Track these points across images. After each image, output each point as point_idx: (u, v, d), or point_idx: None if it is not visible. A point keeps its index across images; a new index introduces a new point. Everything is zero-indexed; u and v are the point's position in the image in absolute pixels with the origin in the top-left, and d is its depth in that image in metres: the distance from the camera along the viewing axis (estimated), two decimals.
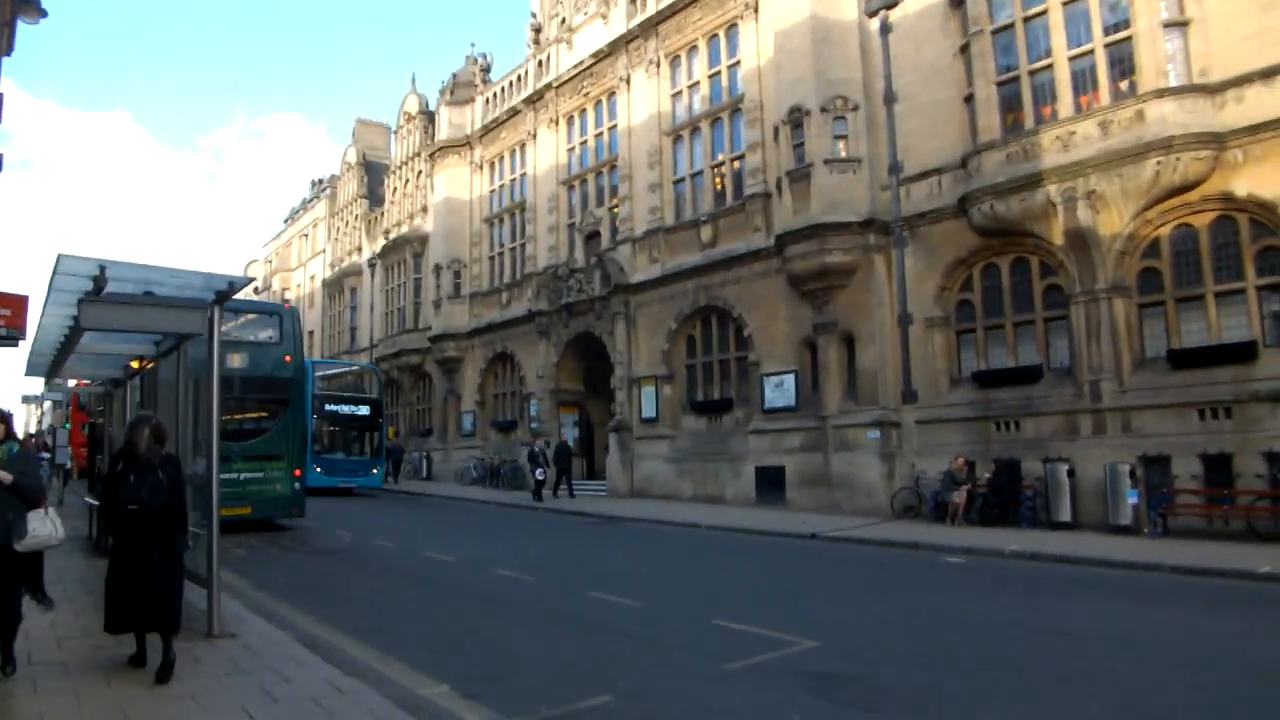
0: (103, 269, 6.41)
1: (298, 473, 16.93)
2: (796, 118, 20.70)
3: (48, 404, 39.13)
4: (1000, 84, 17.98)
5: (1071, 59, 16.90)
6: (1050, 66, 17.17)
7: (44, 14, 15.10)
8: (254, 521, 16.34)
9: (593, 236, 28.75)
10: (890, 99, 20.23)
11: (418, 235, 39.47)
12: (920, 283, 19.45)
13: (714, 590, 10.73)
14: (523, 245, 32.47)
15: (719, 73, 24.53)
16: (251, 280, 7.50)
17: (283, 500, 16.58)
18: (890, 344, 19.75)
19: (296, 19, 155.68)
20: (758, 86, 22.98)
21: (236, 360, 16.51)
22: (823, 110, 20.37)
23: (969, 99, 18.71)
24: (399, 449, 36.90)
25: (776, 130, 21.50)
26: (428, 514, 21.60)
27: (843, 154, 20.32)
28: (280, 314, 17.67)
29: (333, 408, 28.82)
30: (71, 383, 24.94)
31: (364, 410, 29.47)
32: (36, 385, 29.86)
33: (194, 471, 8.05)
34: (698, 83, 25.16)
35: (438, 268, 35.85)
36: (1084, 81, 16.89)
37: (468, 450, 33.60)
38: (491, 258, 34.56)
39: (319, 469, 26.61)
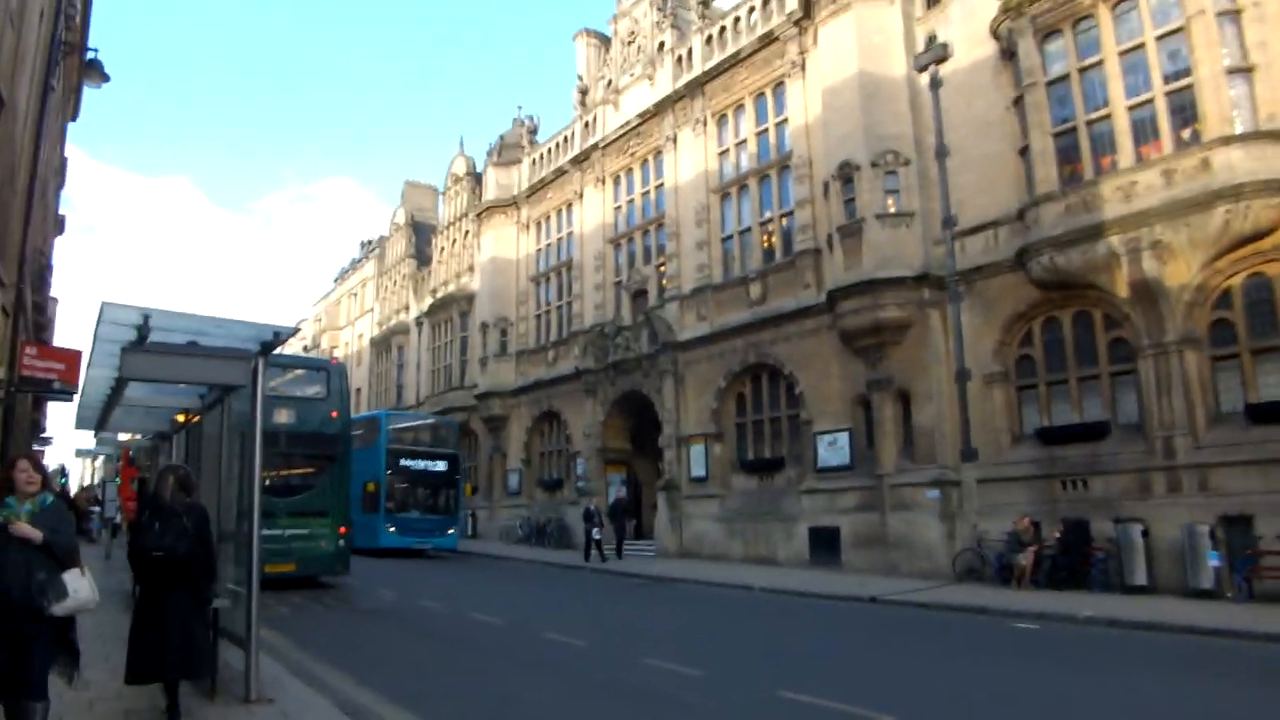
0: (146, 318, 6.26)
1: (343, 530, 16.71)
2: (846, 173, 20.51)
3: (100, 458, 39.39)
4: (1056, 135, 17.64)
5: (1130, 108, 16.54)
6: (1108, 116, 16.81)
7: (106, 78, 15.55)
8: (298, 579, 16.11)
9: (640, 294, 28.66)
10: (942, 153, 19.98)
11: (464, 294, 39.77)
12: (978, 338, 18.94)
13: (774, 657, 10.21)
14: (569, 303, 32.48)
15: (766, 130, 24.51)
16: (298, 329, 7.31)
17: (327, 557, 16.35)
18: (947, 401, 19.17)
19: (349, 85, 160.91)
20: (806, 143, 22.88)
21: (283, 415, 16.45)
22: (873, 165, 20.16)
23: (1024, 151, 18.38)
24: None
25: (826, 186, 21.31)
26: (474, 573, 21.22)
27: (894, 209, 20.02)
28: (328, 369, 17.65)
29: (407, 463, 26.92)
30: (123, 436, 25.22)
31: (440, 465, 27.75)
32: (90, 440, 30.02)
33: (237, 529, 7.82)
34: (745, 140, 25.16)
35: (484, 326, 35.97)
36: (1144, 131, 16.49)
37: (513, 509, 33.29)
38: (538, 316, 34.62)
39: (392, 528, 25.40)
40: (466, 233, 40.99)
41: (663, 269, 27.69)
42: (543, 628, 11.73)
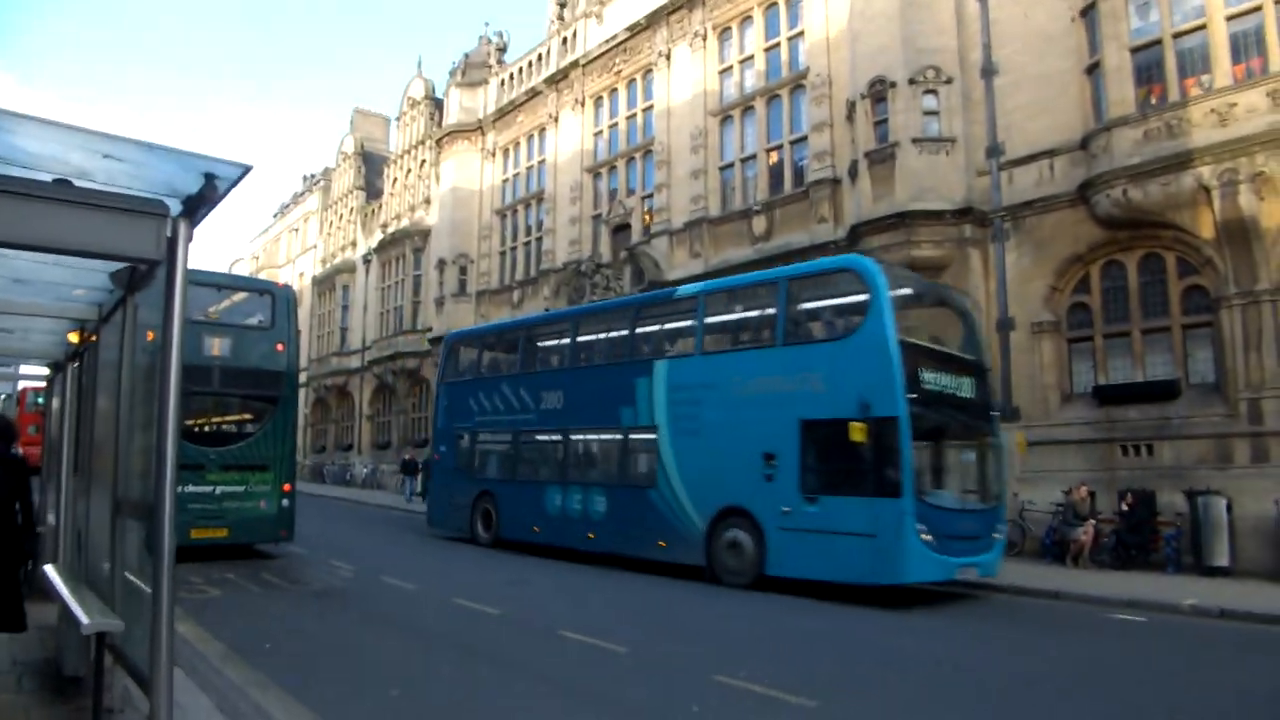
0: None
1: (287, 487, 13.82)
2: (879, 91, 17.95)
3: None
4: (1134, 50, 15.26)
5: (1230, 19, 14.22)
6: (1201, 28, 14.49)
7: None
8: (231, 547, 13.26)
9: (621, 229, 25.85)
10: (989, 71, 17.54)
11: (419, 229, 36.48)
12: (1025, 282, 16.68)
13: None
14: (539, 239, 29.51)
15: (777, 45, 21.74)
16: (248, 169, 4.89)
17: (268, 521, 13.46)
18: (988, 353, 16.89)
19: (291, 5, 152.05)
20: (826, 59, 20.23)
21: (216, 347, 13.47)
22: (911, 82, 17.62)
23: (1092, 69, 16.02)
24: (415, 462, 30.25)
25: (852, 107, 18.73)
26: (437, 542, 18.51)
27: (935, 133, 17.52)
28: (273, 293, 14.61)
29: (931, 380, 11.76)
30: (23, 383, 21.82)
31: (967, 387, 12.68)
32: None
33: (142, 495, 5.17)
34: (751, 57, 22.38)
35: (441, 263, 32.84)
36: (1245, 45, 14.22)
37: None
38: (503, 252, 31.57)
39: (926, 534, 10.74)
40: (423, 162, 37.53)
41: (649, 201, 24.89)
42: (557, 624, 9.16)
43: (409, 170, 38.98)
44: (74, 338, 8.14)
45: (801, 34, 21.14)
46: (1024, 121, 17.03)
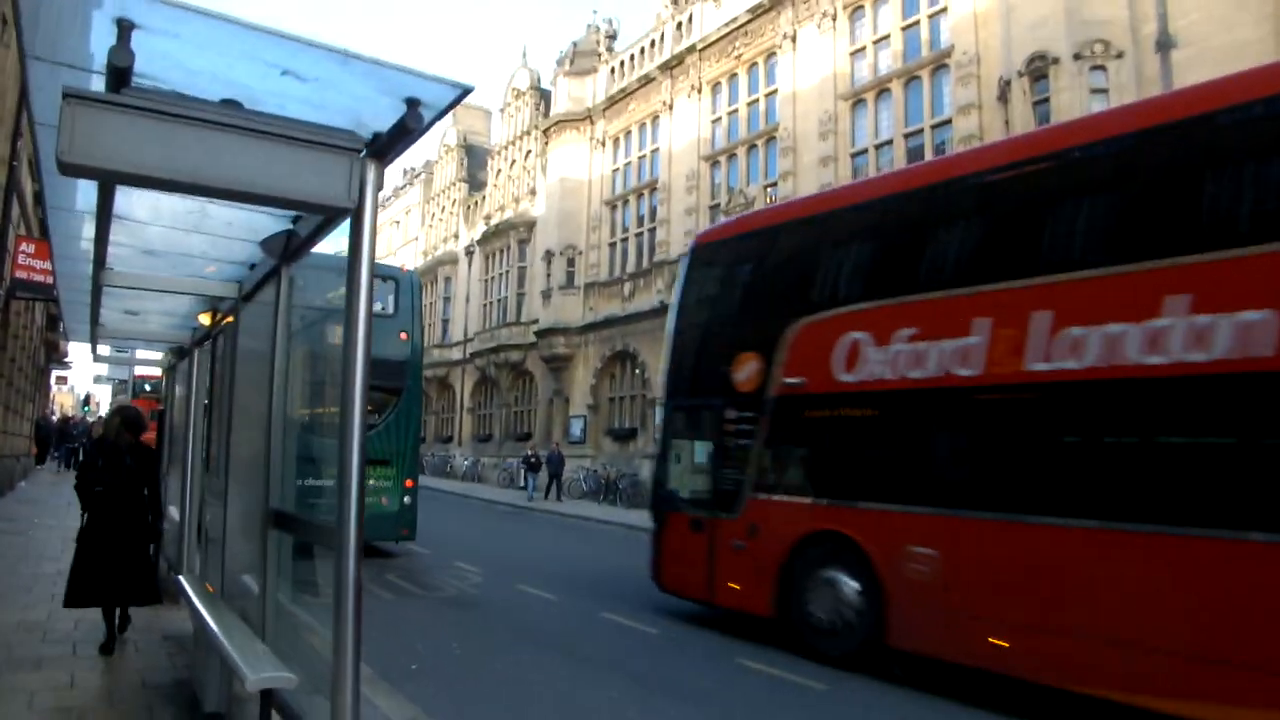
0: (126, 25, 2.58)
1: (409, 483, 13.15)
2: (1039, 68, 16.40)
3: (109, 386, 34.88)
4: None
5: None
6: None
7: None
8: None
9: None
10: (1166, 45, 15.80)
11: (524, 220, 35.96)
12: None
13: None
14: (652, 230, 28.53)
15: (917, 22, 20.28)
16: (465, 91, 3.71)
17: (390, 519, 12.79)
18: None
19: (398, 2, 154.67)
20: (973, 36, 18.72)
21: (337, 335, 12.82)
22: (1076, 57, 16.03)
23: None
24: (558, 457, 27.83)
25: (1006, 86, 17.20)
26: (564, 540, 17.66)
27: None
28: (396, 279, 13.93)
29: None
30: (139, 369, 21.80)
31: None
32: (104, 368, 26.40)
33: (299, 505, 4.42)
34: (887, 36, 20.94)
35: (548, 255, 32.16)
36: None
37: (576, 460, 29.70)
38: (613, 244, 30.69)
39: None
40: (528, 153, 37.00)
41: (773, 190, 23.65)
42: (733, 650, 8.11)
43: (513, 161, 38.50)
44: (205, 319, 7.45)
45: (944, 10, 19.64)
46: None
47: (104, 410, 56.33)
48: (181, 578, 5.96)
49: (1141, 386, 5.91)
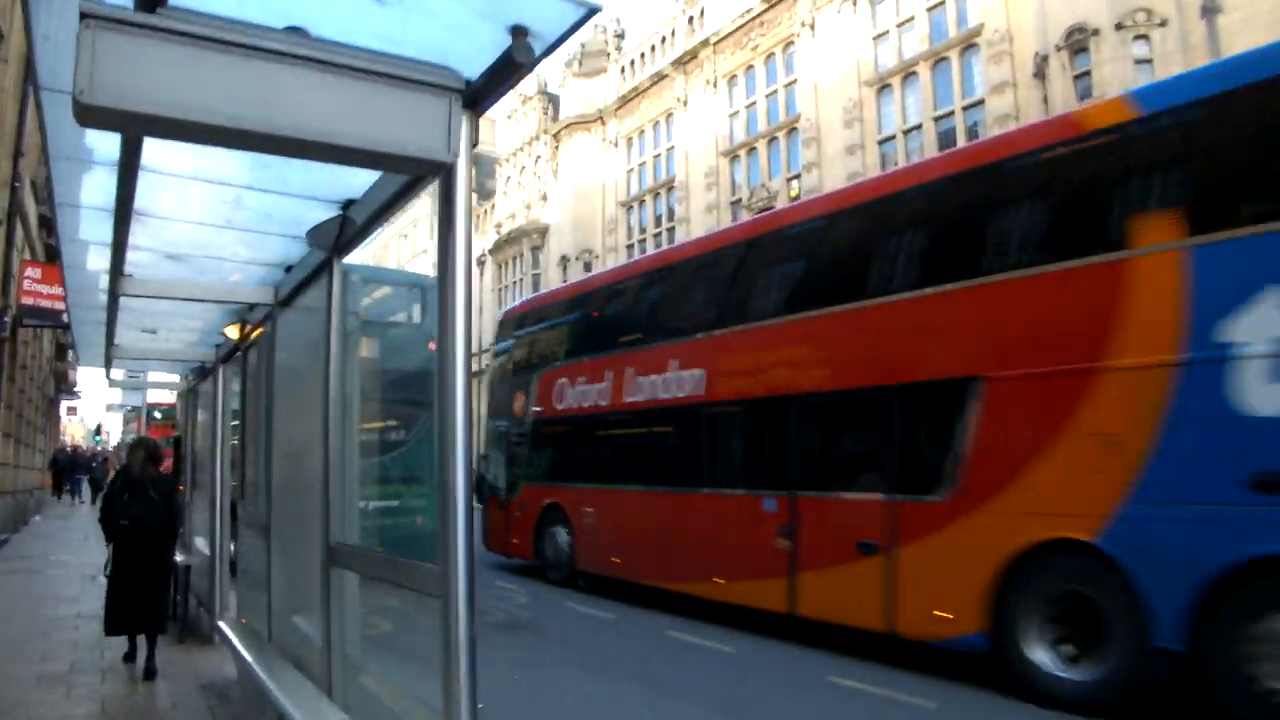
0: None
1: None
2: (1078, 41, 15.76)
3: (120, 414, 34.25)
4: None
5: None
6: None
7: None
8: None
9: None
10: (1211, 9, 15.06)
11: (536, 226, 35.35)
12: None
13: None
14: (671, 230, 27.87)
15: (942, 3, 19.65)
16: (592, 10, 3.14)
17: (424, 539, 12.12)
18: None
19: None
20: (1004, 13, 18.07)
21: (364, 347, 12.18)
22: (1118, 28, 15.38)
23: None
24: None
25: (1044, 61, 16.54)
26: None
27: (1149, 83, 15.18)
28: (423, 286, 13.29)
29: None
30: (152, 395, 21.15)
31: None
32: (117, 394, 25.74)
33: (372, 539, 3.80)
34: (911, 19, 20.28)
35: (564, 260, 31.55)
36: None
37: None
38: (630, 245, 30.05)
39: None
40: (538, 158, 36.42)
41: (797, 182, 22.98)
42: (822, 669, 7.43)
43: (523, 168, 37.94)
44: (234, 331, 6.81)
45: None
46: None
47: (114, 440, 55.79)
48: (223, 623, 5.30)
49: (657, 410, 10.24)
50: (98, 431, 55.62)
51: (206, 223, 4.24)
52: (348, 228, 3.75)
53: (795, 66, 23.43)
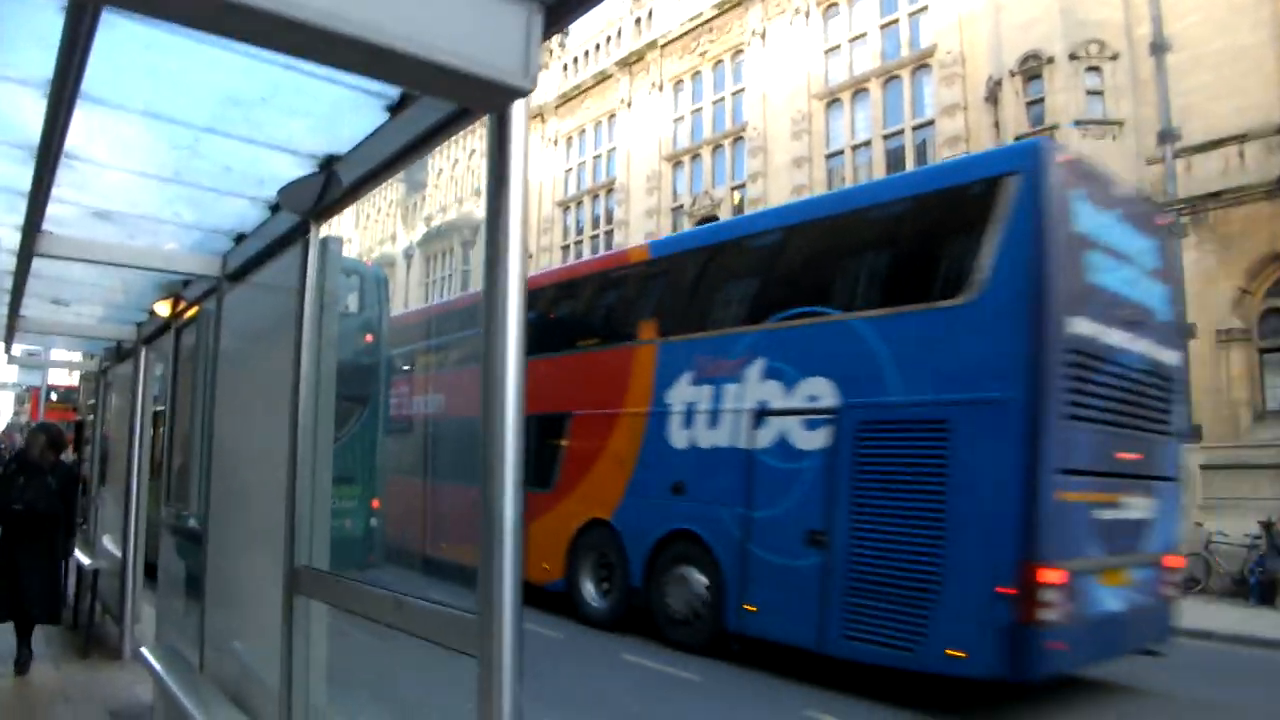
0: None
1: (375, 503, 11.74)
2: (1032, 68, 15.88)
3: (15, 393, 32.00)
4: None
5: None
6: None
7: None
8: None
9: (707, 221, 23.66)
10: (1161, 47, 15.40)
11: (468, 222, 34.41)
12: (1209, 284, 14.54)
13: None
14: (609, 232, 27.37)
15: (896, 21, 19.62)
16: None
17: (357, 545, 11.35)
18: None
19: None
20: (958, 36, 18.15)
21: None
22: (1072, 58, 15.57)
23: None
24: None
25: (997, 85, 16.62)
26: None
27: (1099, 114, 15.42)
28: (361, 273, 12.54)
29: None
30: (52, 374, 19.71)
31: None
32: (29, 375, 23.92)
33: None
34: (864, 35, 20.25)
35: None
36: None
37: None
38: (565, 246, 29.44)
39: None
40: (472, 152, 35.49)
41: (742, 191, 22.76)
42: None
43: (456, 160, 36.95)
44: (164, 308, 6.07)
45: (924, 9, 19.06)
46: (1205, 103, 14.84)
47: (1, 421, 52.36)
48: (145, 651, 4.56)
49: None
50: None
51: (150, 173, 3.59)
52: (333, 187, 3.16)
53: (744, 75, 23.23)
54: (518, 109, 2.05)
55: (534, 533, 9.44)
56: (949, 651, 6.33)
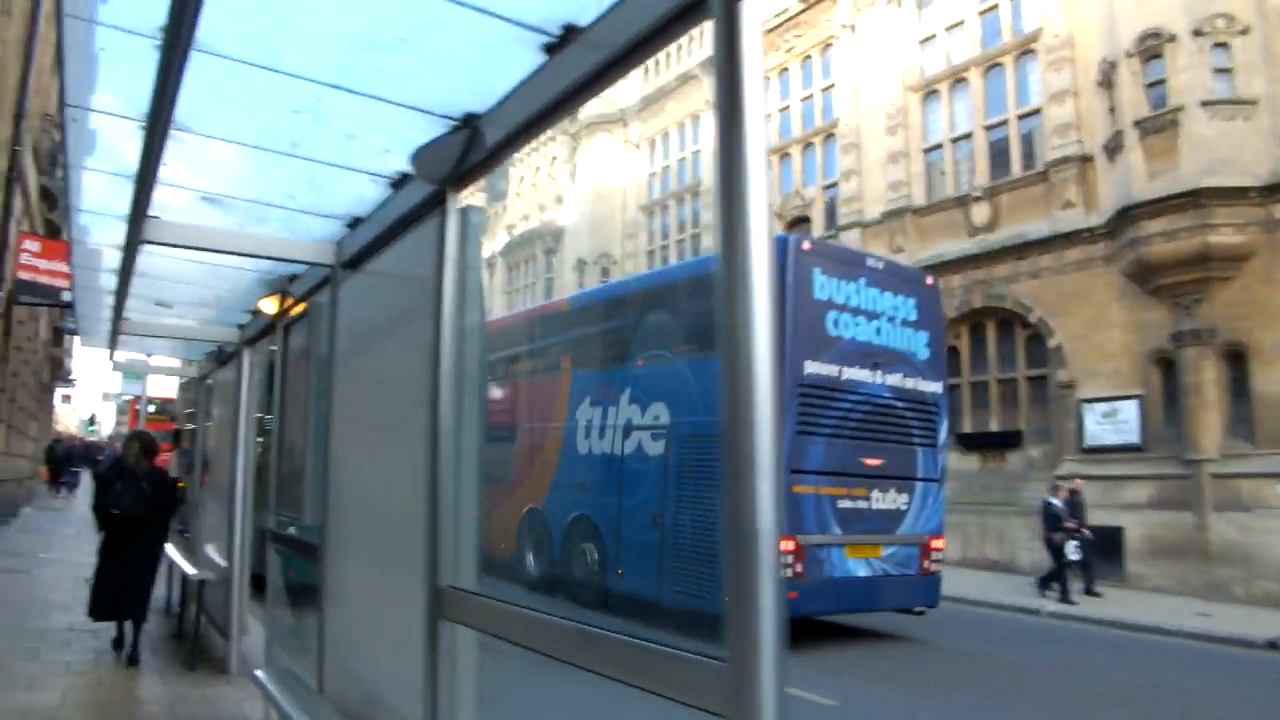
0: None
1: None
2: (1152, 47, 14.87)
3: (117, 404, 32.94)
4: None
5: None
6: None
7: None
8: None
9: (798, 223, 23.01)
10: None
11: (551, 229, 34.37)
12: None
13: None
14: (695, 236, 26.94)
15: (995, 7, 18.72)
16: None
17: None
18: None
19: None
20: (1064, 17, 17.15)
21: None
22: (1195, 34, 14.50)
23: None
24: None
25: (1111, 68, 15.65)
26: None
27: (1228, 94, 14.36)
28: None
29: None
30: (150, 385, 20.09)
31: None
32: (118, 380, 24.59)
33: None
34: (962, 22, 19.37)
35: (580, 264, 30.56)
36: None
37: None
38: (651, 251, 29.08)
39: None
40: (554, 159, 35.44)
41: (833, 190, 22.07)
42: None
43: (537, 168, 36.96)
44: (270, 304, 5.81)
45: None
46: None
47: (106, 430, 54.45)
48: (259, 673, 4.24)
49: None
50: (91, 421, 54.44)
51: (265, 145, 3.26)
52: (475, 148, 2.75)
53: (833, 70, 22.51)
54: (749, 7, 1.62)
55: (497, 517, 12.72)
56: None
